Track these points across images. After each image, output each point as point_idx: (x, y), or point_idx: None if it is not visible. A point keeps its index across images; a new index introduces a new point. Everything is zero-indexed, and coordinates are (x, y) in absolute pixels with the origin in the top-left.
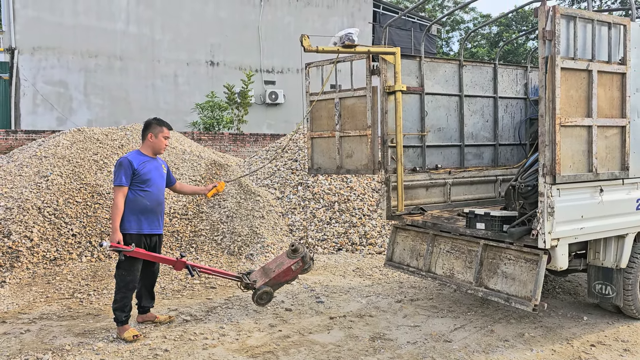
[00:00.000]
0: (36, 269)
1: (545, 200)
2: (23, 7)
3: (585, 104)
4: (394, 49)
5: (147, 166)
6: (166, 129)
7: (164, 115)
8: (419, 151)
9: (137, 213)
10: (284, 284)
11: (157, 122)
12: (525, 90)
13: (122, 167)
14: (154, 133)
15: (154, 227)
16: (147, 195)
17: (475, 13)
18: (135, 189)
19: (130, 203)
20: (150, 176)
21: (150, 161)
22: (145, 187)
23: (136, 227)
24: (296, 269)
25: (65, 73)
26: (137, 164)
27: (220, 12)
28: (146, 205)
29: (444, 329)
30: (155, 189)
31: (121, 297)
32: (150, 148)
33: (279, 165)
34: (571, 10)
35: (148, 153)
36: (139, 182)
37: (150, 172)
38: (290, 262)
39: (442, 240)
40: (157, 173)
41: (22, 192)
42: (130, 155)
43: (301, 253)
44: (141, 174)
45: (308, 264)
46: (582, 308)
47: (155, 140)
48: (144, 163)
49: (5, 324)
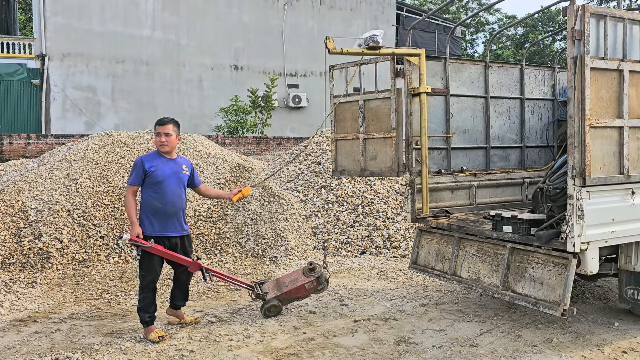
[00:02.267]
0: (66, 269)
1: (574, 203)
2: (53, 15)
3: (616, 104)
4: (418, 51)
5: (160, 168)
6: (157, 125)
7: (188, 119)
8: (444, 153)
9: (149, 215)
10: (295, 300)
11: (155, 123)
12: (552, 91)
13: (135, 167)
14: (154, 133)
15: (169, 229)
16: (159, 197)
17: (501, 14)
18: (148, 190)
19: (143, 205)
20: (162, 178)
21: (165, 162)
22: (157, 189)
23: (149, 230)
24: (309, 288)
25: (94, 78)
26: (149, 165)
27: (244, 17)
28: (157, 207)
29: (470, 333)
30: (169, 191)
31: (143, 297)
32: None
33: (302, 169)
34: (601, 9)
35: (162, 153)
36: (151, 184)
37: (162, 174)
38: (304, 280)
39: (468, 243)
40: (172, 174)
41: (52, 195)
42: (146, 156)
43: (317, 273)
44: (152, 176)
45: (322, 285)
46: (613, 314)
47: (154, 140)
48: (157, 165)
49: (37, 323)
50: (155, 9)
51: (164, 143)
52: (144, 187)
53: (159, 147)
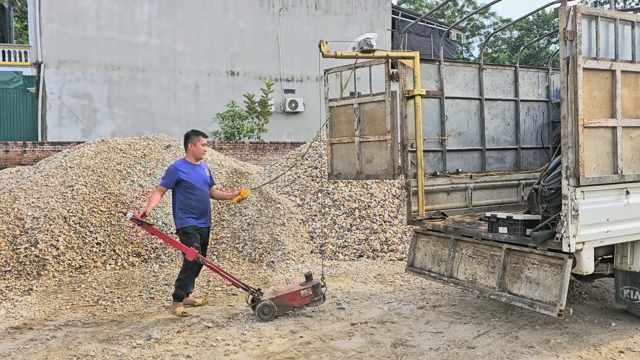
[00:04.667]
0: (62, 276)
1: (569, 203)
2: (49, 22)
3: (609, 104)
4: (412, 53)
5: (192, 173)
6: (202, 137)
7: (185, 125)
8: (440, 155)
9: (189, 212)
10: (290, 308)
11: (194, 133)
12: (547, 93)
13: (169, 173)
14: (193, 142)
15: (203, 222)
16: (194, 197)
17: (496, 18)
18: (185, 192)
19: (183, 204)
20: (194, 182)
21: (194, 168)
22: (192, 191)
23: (194, 221)
24: (305, 295)
25: (90, 85)
26: (182, 172)
27: (240, 22)
28: (194, 205)
29: (467, 335)
30: (201, 192)
31: (185, 277)
32: (192, 155)
33: (299, 173)
34: (593, 9)
35: (191, 160)
36: (187, 187)
37: (194, 179)
38: (300, 287)
39: (464, 245)
40: (201, 178)
41: (49, 202)
42: (178, 164)
43: (314, 282)
44: (187, 181)
45: (319, 297)
46: (609, 314)
47: (195, 148)
48: (188, 171)
49: (32, 330)
50: (151, 16)
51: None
52: (179, 190)
53: (200, 156)
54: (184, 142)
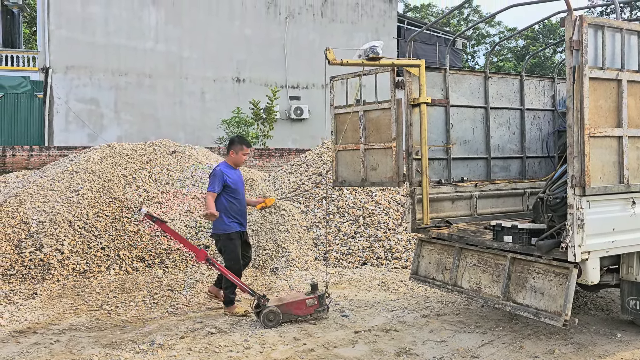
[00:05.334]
0: (66, 281)
1: (574, 213)
2: (57, 28)
3: (615, 114)
4: (418, 61)
5: (234, 177)
6: (245, 147)
7: (190, 130)
8: (445, 164)
9: (233, 216)
10: (294, 317)
11: (238, 141)
12: (553, 102)
13: (216, 177)
14: (235, 150)
15: (244, 225)
16: (237, 201)
17: (502, 27)
18: (228, 197)
19: (226, 208)
20: (237, 186)
21: (235, 172)
22: (235, 195)
23: (238, 227)
24: (310, 305)
25: (97, 91)
26: (227, 176)
27: (246, 29)
28: (237, 209)
29: (472, 344)
30: (241, 196)
31: (232, 283)
32: (232, 161)
33: (303, 180)
34: (599, 19)
35: (232, 165)
36: (230, 191)
37: (236, 183)
38: (306, 296)
39: (469, 254)
40: (241, 183)
41: (54, 206)
42: (222, 167)
43: (319, 292)
44: (231, 184)
45: (323, 307)
46: (615, 325)
47: (236, 156)
48: (232, 175)
49: (36, 334)
50: (158, 22)
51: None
52: (223, 193)
53: (240, 164)
54: (227, 146)
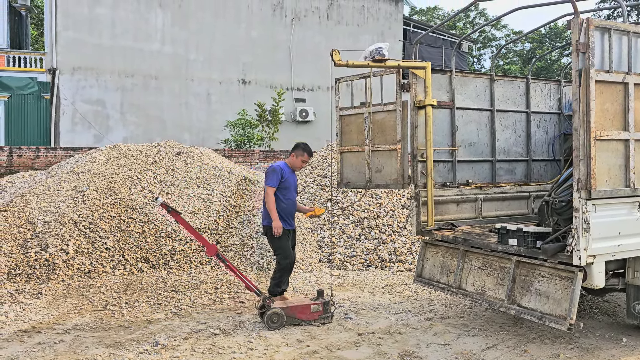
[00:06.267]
0: (71, 281)
1: (580, 216)
2: (64, 29)
3: (621, 117)
4: (424, 64)
5: (289, 177)
6: (307, 155)
7: (196, 132)
8: (450, 166)
9: (281, 214)
10: (298, 321)
11: (302, 147)
12: (559, 105)
13: (275, 172)
14: (297, 154)
15: (293, 224)
16: (288, 201)
17: (508, 30)
18: (281, 194)
19: (277, 205)
20: (290, 187)
21: (291, 173)
22: (287, 193)
23: (287, 225)
24: (314, 311)
25: (103, 92)
26: (284, 173)
27: (252, 32)
28: (284, 207)
29: (476, 348)
30: (292, 196)
31: (279, 276)
32: (291, 164)
33: (308, 182)
34: (605, 22)
35: (290, 166)
36: (283, 189)
37: (290, 182)
38: (311, 302)
39: (473, 257)
40: (295, 184)
41: (60, 207)
42: (281, 165)
43: (325, 299)
44: (285, 182)
45: (327, 314)
46: (621, 329)
47: (295, 160)
48: (289, 175)
49: (41, 334)
50: (164, 24)
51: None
52: (278, 192)
53: (296, 169)
54: (292, 149)
